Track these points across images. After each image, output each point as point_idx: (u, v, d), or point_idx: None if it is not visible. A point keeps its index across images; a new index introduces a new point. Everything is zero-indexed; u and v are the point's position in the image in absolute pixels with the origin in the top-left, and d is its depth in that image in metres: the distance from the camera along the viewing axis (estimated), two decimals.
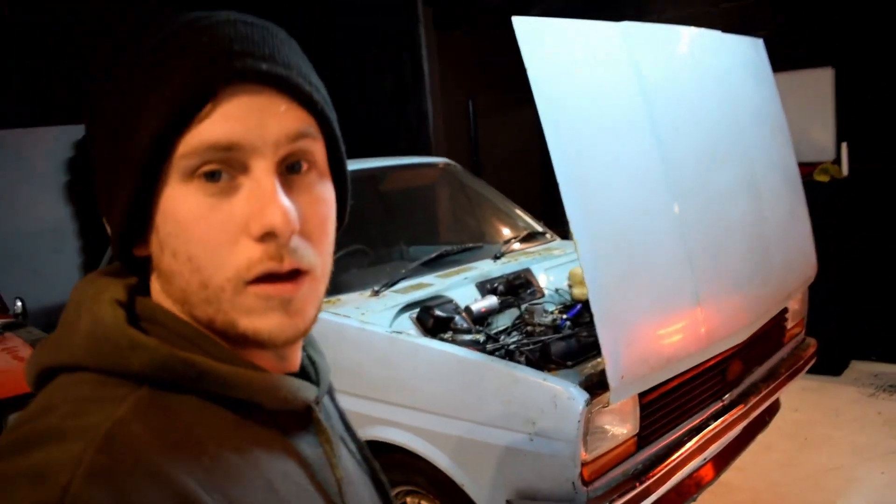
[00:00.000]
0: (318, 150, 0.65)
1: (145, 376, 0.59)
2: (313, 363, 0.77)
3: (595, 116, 2.19)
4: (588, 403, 2.07)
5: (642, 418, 2.29)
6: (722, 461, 2.73)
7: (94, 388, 0.58)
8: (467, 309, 2.84)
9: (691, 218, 2.40)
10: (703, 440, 2.49)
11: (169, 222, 0.61)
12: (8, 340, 3.26)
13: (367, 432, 2.60)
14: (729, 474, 2.77)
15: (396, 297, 2.90)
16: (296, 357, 0.72)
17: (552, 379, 2.15)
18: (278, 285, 0.61)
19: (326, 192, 0.67)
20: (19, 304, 3.80)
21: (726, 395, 2.72)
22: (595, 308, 2.01)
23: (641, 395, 2.27)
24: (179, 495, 0.54)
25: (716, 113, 2.67)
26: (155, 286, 0.66)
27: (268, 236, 0.60)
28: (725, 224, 2.57)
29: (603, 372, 2.10)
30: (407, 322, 2.77)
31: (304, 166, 0.64)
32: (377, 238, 3.92)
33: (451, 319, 2.74)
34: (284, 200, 0.60)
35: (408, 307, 2.83)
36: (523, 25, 2.04)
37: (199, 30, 0.60)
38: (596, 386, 2.19)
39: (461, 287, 3.02)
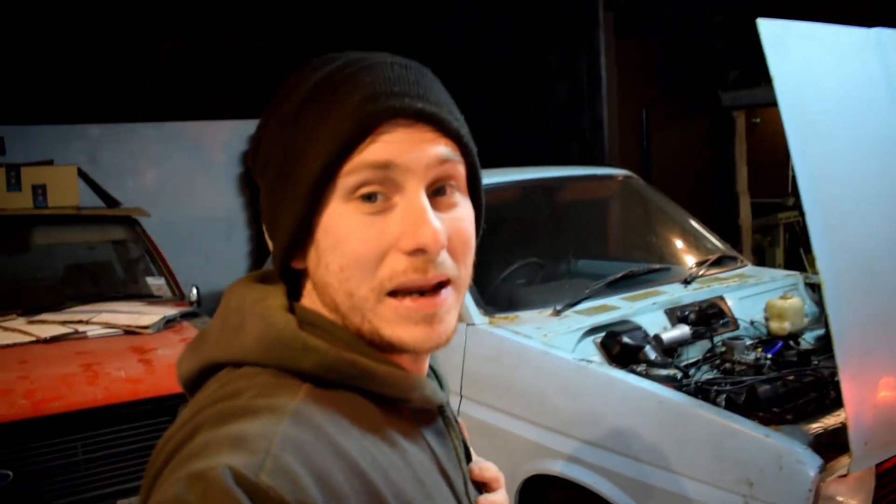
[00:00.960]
0: (460, 173, 0.74)
1: (313, 374, 0.67)
2: (432, 369, 0.85)
3: (846, 131, 1.89)
4: (821, 470, 1.78)
5: (877, 488, 1.97)
6: None
7: (272, 378, 0.67)
8: (657, 338, 2.60)
9: None
10: None
11: (328, 237, 0.69)
12: (185, 330, 3.30)
13: (545, 465, 2.41)
14: None
15: (580, 318, 2.69)
16: (427, 362, 0.80)
17: (776, 436, 1.87)
18: (422, 300, 0.70)
19: (468, 211, 0.76)
20: (195, 291, 3.86)
21: None
22: (840, 356, 1.72)
23: (877, 465, 1.95)
24: (354, 468, 0.62)
25: None
26: (310, 295, 0.75)
27: (418, 252, 0.68)
28: None
29: (834, 432, 1.81)
30: (591, 347, 2.56)
31: (448, 190, 0.72)
32: (551, 251, 3.73)
33: (640, 348, 2.51)
34: (434, 220, 0.68)
35: (592, 331, 2.62)
36: (769, 28, 1.79)
37: (361, 69, 0.70)
38: (825, 447, 1.89)
39: (649, 312, 2.78)
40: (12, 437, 2.47)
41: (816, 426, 1.99)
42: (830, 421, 2.00)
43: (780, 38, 1.81)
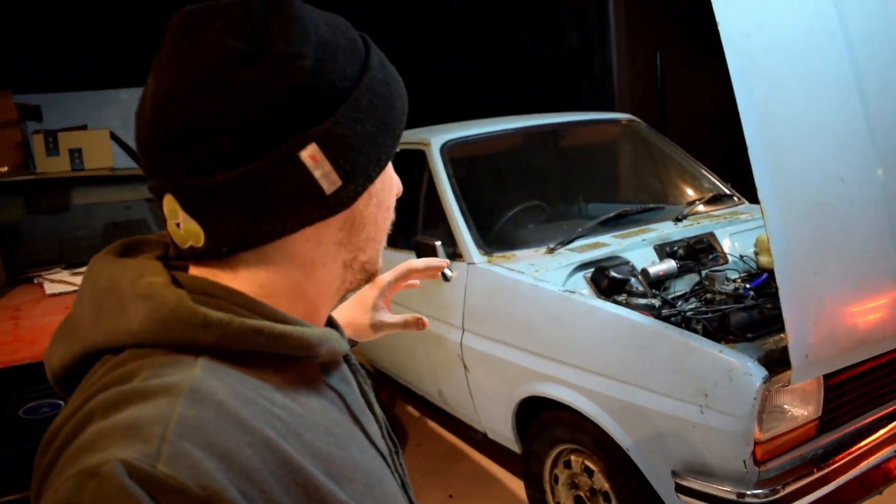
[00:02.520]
0: None
1: (215, 347, 0.63)
2: (330, 318, 0.86)
3: (791, 70, 2.02)
4: (766, 381, 1.97)
5: (826, 401, 2.15)
6: None
7: (165, 357, 0.62)
8: (644, 271, 2.77)
9: None
10: (895, 430, 2.31)
11: (386, 178, 0.76)
12: None
13: (536, 388, 2.63)
14: None
15: (571, 255, 2.88)
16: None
17: (729, 352, 2.06)
18: None
19: None
20: None
21: None
22: (780, 278, 1.89)
23: (827, 377, 2.12)
24: (262, 440, 0.59)
25: None
26: (239, 259, 0.70)
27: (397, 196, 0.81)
28: None
29: (786, 348, 1.99)
30: (581, 281, 2.75)
31: None
32: (554, 195, 3.90)
33: (626, 281, 2.69)
34: None
35: (583, 266, 2.81)
36: None
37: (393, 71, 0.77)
38: (777, 363, 2.07)
39: (639, 248, 2.95)
40: None
41: (770, 343, 2.17)
42: (787, 340, 2.18)
43: None
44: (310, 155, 0.65)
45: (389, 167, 0.76)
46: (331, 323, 0.85)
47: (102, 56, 6.74)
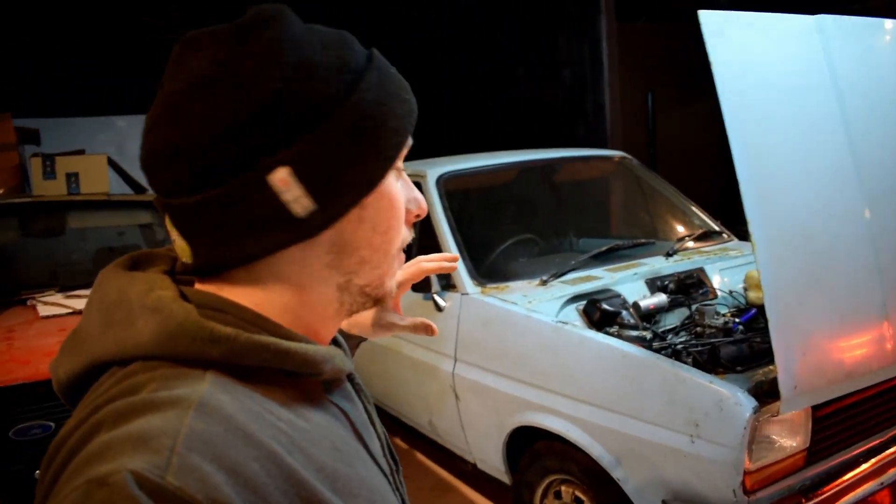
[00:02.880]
0: None
1: (221, 362, 0.64)
2: (334, 337, 0.86)
3: (782, 112, 2.09)
4: (756, 411, 2.00)
5: (814, 432, 2.18)
6: None
7: (173, 369, 0.63)
8: (635, 305, 2.82)
9: (884, 224, 2.24)
10: (881, 463, 2.33)
11: (383, 200, 0.72)
12: None
13: (527, 418, 2.65)
14: None
15: (564, 287, 2.92)
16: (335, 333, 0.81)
17: (719, 382, 2.10)
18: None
19: None
20: None
21: None
22: (770, 311, 1.94)
23: (815, 409, 2.16)
24: (269, 454, 0.60)
25: None
26: (237, 275, 0.71)
27: (419, 216, 0.78)
28: None
29: (775, 380, 2.02)
30: (573, 313, 2.78)
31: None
32: (547, 228, 3.95)
33: (617, 314, 2.73)
34: None
35: (575, 298, 2.85)
36: (710, 18, 2.00)
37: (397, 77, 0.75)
38: (766, 394, 2.11)
39: (630, 282, 3.00)
40: (53, 393, 2.77)
41: (759, 375, 2.21)
42: (776, 372, 2.22)
43: (720, 27, 2.02)
44: (280, 179, 0.64)
45: (391, 188, 0.73)
46: (335, 342, 0.85)
47: (101, 83, 6.81)
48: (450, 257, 1.11)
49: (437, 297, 3.07)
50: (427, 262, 1.10)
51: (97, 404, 0.61)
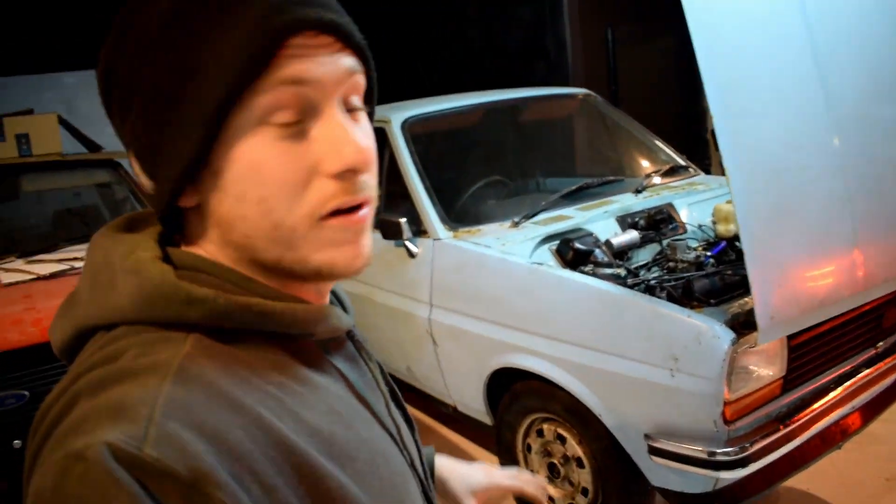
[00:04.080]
0: (362, 86, 0.68)
1: (202, 324, 0.61)
2: (334, 293, 0.80)
3: (751, 41, 2.08)
4: (734, 343, 2.03)
5: (790, 361, 2.23)
6: (870, 411, 2.61)
7: (155, 334, 0.60)
8: (607, 243, 2.83)
9: (852, 153, 2.26)
10: (852, 388, 2.40)
11: (240, 165, 0.61)
12: None
13: (507, 359, 2.67)
14: (876, 425, 2.66)
15: (536, 228, 2.92)
16: (330, 288, 0.76)
17: (697, 316, 2.12)
18: (351, 217, 0.64)
19: (370, 126, 0.69)
20: None
21: (880, 343, 2.60)
22: (746, 244, 1.95)
23: (790, 338, 2.20)
24: (254, 420, 0.57)
25: (884, 42, 2.47)
26: (196, 233, 0.67)
27: (347, 173, 0.63)
28: (889, 161, 2.41)
29: (751, 311, 2.05)
30: (546, 254, 2.79)
31: (355, 104, 0.67)
32: (515, 169, 3.93)
33: (590, 253, 2.73)
34: (359, 137, 0.64)
35: (547, 239, 2.85)
36: None
37: None
38: (742, 325, 2.14)
39: (601, 220, 3.00)
40: (25, 361, 2.72)
41: (735, 307, 2.24)
42: (751, 304, 2.25)
43: None
44: (133, 160, 0.66)
45: (252, 150, 0.61)
46: (337, 299, 0.81)
47: (45, 39, 6.54)
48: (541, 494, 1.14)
49: (408, 244, 3.05)
50: (528, 486, 1.14)
51: (78, 372, 0.59)
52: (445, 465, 1.11)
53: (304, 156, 0.62)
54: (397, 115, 3.44)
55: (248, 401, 0.58)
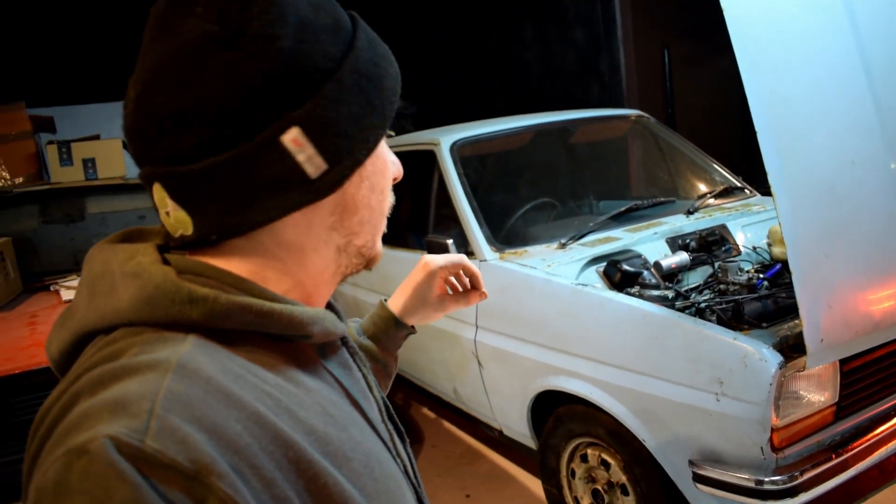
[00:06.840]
0: None
1: (203, 324, 0.63)
2: (330, 304, 0.84)
3: (799, 58, 2.02)
4: (782, 366, 1.96)
5: (843, 387, 2.13)
6: None
7: (154, 334, 0.62)
8: (656, 264, 2.77)
9: None
10: None
11: (379, 161, 0.75)
12: None
13: (550, 382, 2.63)
14: None
15: (583, 250, 2.88)
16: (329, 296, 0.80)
17: (743, 338, 2.05)
18: None
19: None
20: None
21: None
22: (792, 261, 1.88)
23: (843, 362, 2.11)
24: (252, 415, 0.58)
25: None
26: (244, 246, 0.70)
27: (396, 179, 0.80)
28: None
29: (800, 334, 1.98)
30: (593, 275, 2.75)
31: None
32: (565, 192, 3.90)
33: (638, 274, 2.69)
34: None
35: (595, 260, 2.81)
36: None
37: (380, 40, 0.76)
38: (792, 348, 2.06)
39: (651, 242, 2.95)
40: None
41: (784, 330, 2.16)
42: (801, 326, 2.17)
43: None
44: (292, 139, 0.64)
45: (383, 149, 0.75)
46: (330, 306, 0.83)
47: (114, 68, 6.80)
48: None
49: None
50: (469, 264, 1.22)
51: (78, 373, 0.61)
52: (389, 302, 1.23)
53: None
54: (447, 138, 3.46)
55: (246, 397, 0.59)
